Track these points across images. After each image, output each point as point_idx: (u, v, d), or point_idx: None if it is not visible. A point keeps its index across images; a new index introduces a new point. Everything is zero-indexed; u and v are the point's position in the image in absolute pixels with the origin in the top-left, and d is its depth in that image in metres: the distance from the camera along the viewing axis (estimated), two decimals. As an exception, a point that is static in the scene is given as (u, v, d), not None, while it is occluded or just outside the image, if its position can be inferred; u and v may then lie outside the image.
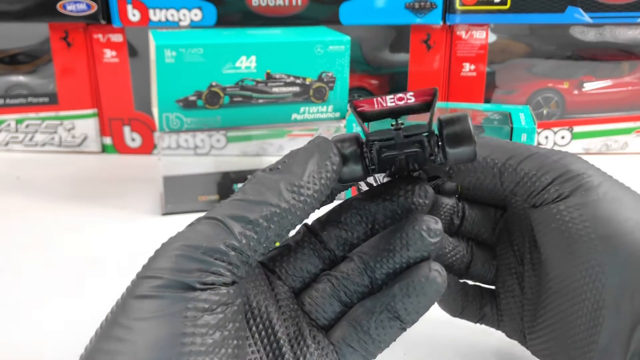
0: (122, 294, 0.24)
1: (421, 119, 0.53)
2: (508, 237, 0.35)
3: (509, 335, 0.36)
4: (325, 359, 0.27)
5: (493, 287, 0.36)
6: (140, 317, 0.22)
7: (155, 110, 0.66)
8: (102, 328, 0.23)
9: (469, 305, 0.37)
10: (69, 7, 0.73)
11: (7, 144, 0.81)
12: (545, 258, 0.30)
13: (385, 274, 0.28)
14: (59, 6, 0.72)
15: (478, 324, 0.39)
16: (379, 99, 0.27)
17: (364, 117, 0.27)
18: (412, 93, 0.26)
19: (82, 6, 0.72)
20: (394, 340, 0.28)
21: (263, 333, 0.26)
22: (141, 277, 0.24)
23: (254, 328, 0.26)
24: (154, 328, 0.22)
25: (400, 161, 0.27)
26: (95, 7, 0.72)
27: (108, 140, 0.81)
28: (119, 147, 0.81)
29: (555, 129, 0.78)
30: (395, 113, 0.27)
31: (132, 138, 0.80)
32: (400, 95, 0.27)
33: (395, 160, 0.27)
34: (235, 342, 0.23)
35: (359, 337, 0.28)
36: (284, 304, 0.28)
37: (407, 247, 0.27)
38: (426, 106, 0.27)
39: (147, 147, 0.80)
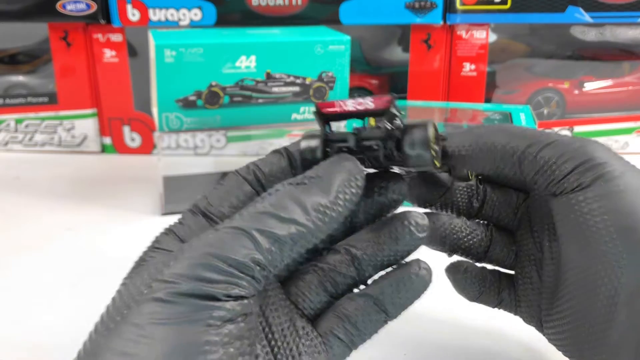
0: (132, 292, 0.23)
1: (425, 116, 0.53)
2: (528, 223, 0.34)
3: (526, 322, 0.36)
4: (313, 349, 0.28)
5: (512, 272, 0.36)
6: (157, 320, 0.22)
7: (155, 110, 0.66)
8: (108, 325, 0.23)
9: (486, 290, 0.36)
10: (69, 7, 0.73)
11: (6, 143, 0.81)
12: (563, 248, 0.30)
13: (372, 267, 0.29)
14: (58, 6, 0.72)
15: (478, 324, 0.39)
16: (341, 102, 0.28)
17: (327, 118, 0.29)
18: (371, 99, 0.28)
19: (82, 6, 0.72)
20: (377, 332, 0.30)
21: (261, 332, 0.27)
22: (160, 280, 0.23)
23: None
24: (172, 333, 0.22)
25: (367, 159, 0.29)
26: (94, 7, 0.72)
27: (108, 140, 0.81)
28: (119, 147, 0.81)
29: (556, 129, 0.78)
30: (355, 116, 0.29)
31: (131, 138, 0.80)
32: (360, 100, 0.28)
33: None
34: (250, 348, 0.24)
35: (346, 328, 0.29)
36: (273, 294, 0.28)
37: (395, 241, 0.29)
38: (383, 112, 0.28)
39: (147, 147, 0.80)
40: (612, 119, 0.79)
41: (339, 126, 0.56)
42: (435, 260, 0.53)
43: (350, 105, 0.28)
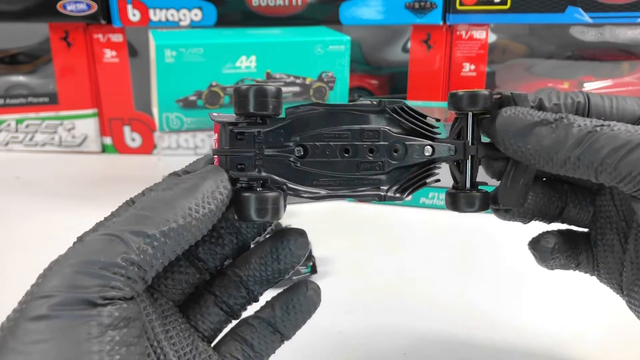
0: (9, 316, 0.22)
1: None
2: (610, 190, 0.33)
3: (605, 284, 0.35)
4: None
5: (586, 230, 0.35)
6: (37, 339, 0.21)
7: (155, 110, 0.66)
8: None
9: (567, 257, 0.35)
10: (69, 7, 0.73)
11: (7, 144, 0.81)
12: None
13: (259, 285, 0.30)
14: (59, 6, 0.72)
15: (478, 323, 0.39)
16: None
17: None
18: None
19: (82, 6, 0.72)
20: (275, 352, 0.30)
21: (152, 354, 0.26)
22: (34, 297, 0.22)
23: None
24: (55, 350, 0.21)
25: None
26: (95, 7, 0.72)
27: (108, 140, 0.81)
28: (119, 147, 0.81)
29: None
30: None
31: (132, 138, 0.80)
32: None
33: None
34: (139, 357, 0.23)
35: (244, 350, 0.29)
36: (172, 320, 0.28)
37: (277, 260, 0.29)
38: None
39: (147, 147, 0.80)
40: (611, 119, 0.79)
41: None
42: (432, 253, 0.53)
43: None
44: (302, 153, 0.28)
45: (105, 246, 0.23)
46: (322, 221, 0.59)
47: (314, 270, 0.50)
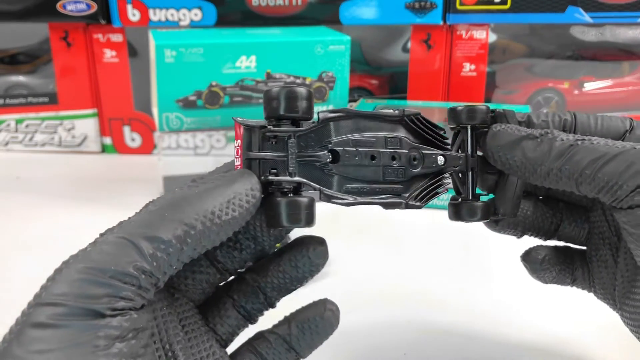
0: (17, 319, 0.22)
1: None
2: (601, 205, 0.34)
3: (600, 299, 0.36)
4: None
5: (583, 247, 0.36)
6: (42, 349, 0.21)
7: (155, 110, 0.66)
8: None
9: (561, 272, 0.36)
10: (69, 7, 0.73)
11: (7, 144, 0.81)
12: (636, 254, 0.29)
13: (277, 292, 0.30)
14: (58, 6, 0.72)
15: (478, 324, 0.39)
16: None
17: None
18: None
19: (82, 6, 0.72)
20: None
21: (163, 357, 0.26)
22: (41, 303, 0.22)
23: (156, 353, 0.26)
24: None
25: None
26: (95, 7, 0.72)
27: (108, 140, 0.81)
28: (119, 147, 0.81)
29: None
30: None
31: (132, 138, 0.80)
32: None
33: None
34: None
35: None
36: (191, 321, 0.28)
37: (295, 268, 0.29)
38: None
39: (147, 147, 0.80)
40: (612, 119, 0.79)
41: None
42: (438, 254, 0.53)
43: None
44: (331, 158, 0.28)
45: (117, 252, 0.22)
46: (322, 221, 0.59)
47: (314, 270, 0.50)
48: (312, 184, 0.27)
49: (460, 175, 0.32)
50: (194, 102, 0.62)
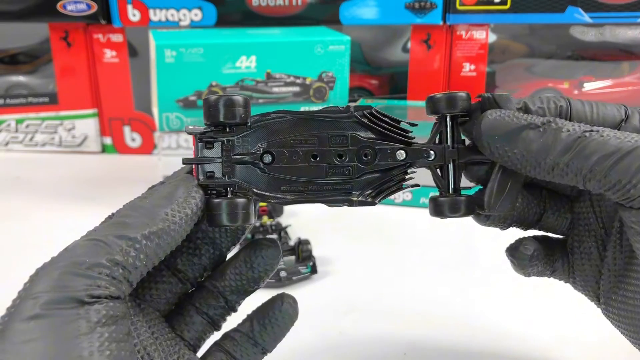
0: (1, 317, 0.23)
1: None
2: (589, 196, 0.33)
3: (579, 291, 0.35)
4: None
5: (562, 236, 0.35)
6: (27, 339, 0.22)
7: (155, 110, 0.66)
8: None
9: (541, 263, 0.34)
10: (69, 7, 0.73)
11: (7, 144, 0.81)
12: (638, 254, 0.29)
13: (237, 295, 0.31)
14: (59, 6, 0.72)
15: (477, 323, 0.39)
16: None
17: None
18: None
19: (82, 6, 0.73)
20: None
21: (142, 351, 0.27)
22: (23, 299, 0.23)
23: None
24: (45, 348, 0.21)
25: None
26: (95, 7, 0.72)
27: (108, 140, 0.81)
28: (119, 147, 0.81)
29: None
30: None
31: (132, 138, 0.80)
32: None
33: None
34: (130, 354, 0.24)
35: None
36: (159, 328, 0.29)
37: (251, 269, 0.30)
38: None
39: (147, 147, 0.80)
40: (611, 119, 0.79)
41: None
42: (432, 253, 0.53)
43: None
44: (270, 160, 0.29)
45: (90, 249, 0.24)
46: (322, 221, 0.59)
47: (314, 270, 0.50)
48: (242, 184, 0.28)
49: (439, 168, 0.31)
50: (194, 102, 0.62)
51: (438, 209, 0.30)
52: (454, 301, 0.47)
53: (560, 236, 0.35)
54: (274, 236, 0.54)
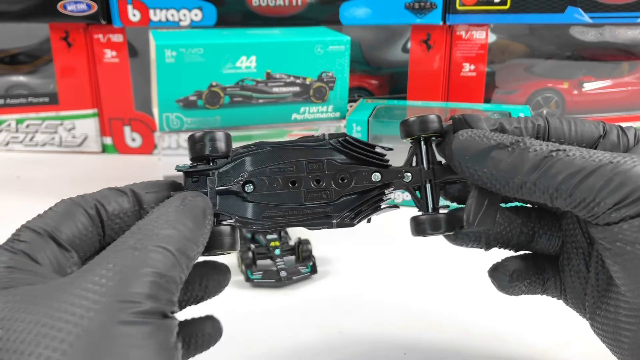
0: (93, 317, 0.22)
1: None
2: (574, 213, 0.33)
3: (570, 307, 0.35)
4: None
5: (555, 255, 0.35)
6: (135, 345, 0.22)
7: (155, 110, 0.66)
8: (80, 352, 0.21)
9: (531, 283, 0.35)
10: (69, 7, 0.73)
11: (7, 144, 0.81)
12: (612, 271, 0.29)
13: (179, 308, 0.31)
14: (59, 6, 0.73)
15: (477, 324, 0.39)
16: None
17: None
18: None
19: (83, 6, 0.73)
20: None
21: None
22: (120, 300, 0.23)
23: None
24: (152, 355, 0.22)
25: None
26: (95, 7, 0.72)
27: (108, 140, 0.81)
28: (119, 147, 0.81)
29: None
30: None
31: (132, 138, 0.80)
32: None
33: None
34: None
35: None
36: None
37: (204, 291, 0.31)
38: None
39: (148, 147, 0.80)
40: (611, 119, 0.79)
41: None
42: (429, 257, 0.53)
43: None
44: (252, 189, 0.30)
45: (166, 261, 0.24)
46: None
47: (314, 270, 0.50)
48: (227, 214, 0.30)
49: (417, 189, 0.32)
50: (195, 102, 0.62)
51: (419, 228, 0.31)
52: (454, 301, 0.47)
53: (551, 254, 0.35)
54: (274, 236, 0.54)
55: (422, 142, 0.32)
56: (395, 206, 0.32)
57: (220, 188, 0.30)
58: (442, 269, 0.52)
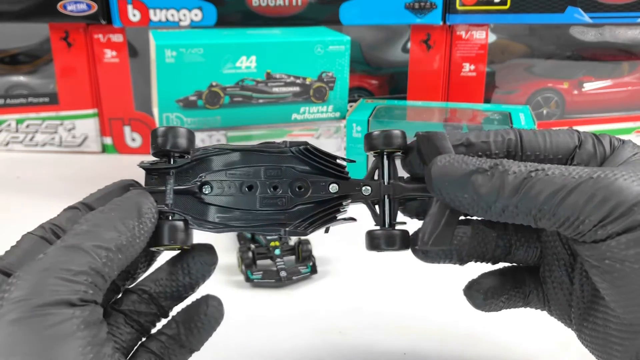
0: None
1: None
2: None
3: (555, 317, 0.34)
4: None
5: (535, 265, 0.35)
6: (15, 341, 0.22)
7: (155, 110, 0.66)
8: None
9: (512, 298, 0.35)
10: (69, 7, 0.73)
11: (7, 144, 0.81)
12: (600, 288, 0.28)
13: (170, 300, 0.31)
14: (59, 6, 0.73)
15: (477, 324, 0.39)
16: None
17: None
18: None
19: (83, 6, 0.73)
20: None
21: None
22: (9, 301, 0.23)
23: None
24: (32, 349, 0.22)
25: None
26: (95, 7, 0.72)
27: (108, 140, 0.81)
28: (119, 147, 0.81)
29: (555, 129, 0.78)
30: None
31: (132, 138, 0.80)
32: None
33: None
34: (110, 358, 0.25)
35: None
36: None
37: (189, 275, 0.31)
38: None
39: (148, 147, 0.80)
40: (611, 119, 0.79)
41: None
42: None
43: None
44: (209, 190, 0.31)
45: (72, 256, 0.25)
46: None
47: (314, 270, 0.50)
48: (180, 213, 0.30)
49: (375, 203, 0.32)
50: (195, 102, 0.62)
51: (374, 242, 0.31)
52: (454, 301, 0.47)
53: (531, 265, 0.35)
54: (274, 236, 0.54)
55: (385, 157, 0.32)
56: (352, 218, 0.32)
57: (178, 187, 0.30)
58: (442, 269, 0.52)
